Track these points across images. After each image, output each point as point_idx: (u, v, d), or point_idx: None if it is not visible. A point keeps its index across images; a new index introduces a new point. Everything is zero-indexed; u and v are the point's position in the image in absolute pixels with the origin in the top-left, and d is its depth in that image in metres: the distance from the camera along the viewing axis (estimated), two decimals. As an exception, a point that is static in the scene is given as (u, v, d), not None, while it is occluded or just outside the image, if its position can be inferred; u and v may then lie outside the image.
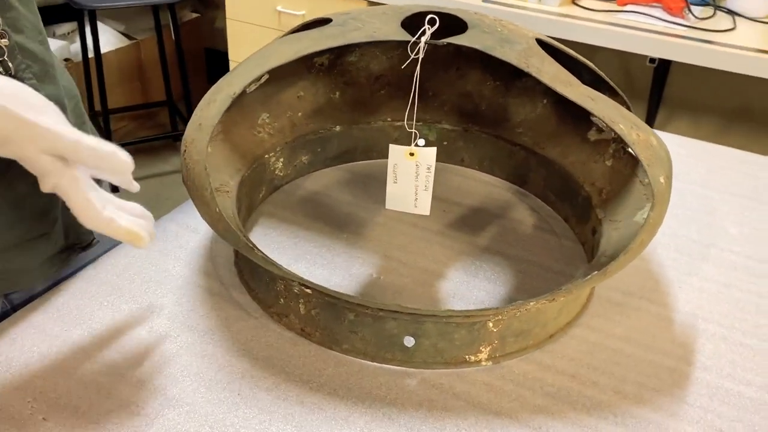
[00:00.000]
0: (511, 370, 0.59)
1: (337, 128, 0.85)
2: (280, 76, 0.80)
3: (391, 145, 0.64)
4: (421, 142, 0.84)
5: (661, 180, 0.56)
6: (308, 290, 0.56)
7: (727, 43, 1.58)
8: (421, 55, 0.58)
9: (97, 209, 0.49)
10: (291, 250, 0.72)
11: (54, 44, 2.22)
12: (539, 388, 0.57)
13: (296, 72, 0.82)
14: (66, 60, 2.27)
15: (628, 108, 0.71)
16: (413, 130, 0.62)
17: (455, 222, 0.78)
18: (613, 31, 1.65)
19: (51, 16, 2.29)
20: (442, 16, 0.64)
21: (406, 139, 0.86)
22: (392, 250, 0.73)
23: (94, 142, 0.47)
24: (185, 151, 0.59)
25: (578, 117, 0.77)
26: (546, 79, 0.56)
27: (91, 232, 0.69)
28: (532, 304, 0.54)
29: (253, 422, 0.52)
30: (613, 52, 1.76)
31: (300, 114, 0.82)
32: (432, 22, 0.58)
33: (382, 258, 0.71)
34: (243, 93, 0.74)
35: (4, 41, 0.57)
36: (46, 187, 0.48)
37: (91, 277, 0.66)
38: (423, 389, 0.56)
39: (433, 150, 0.63)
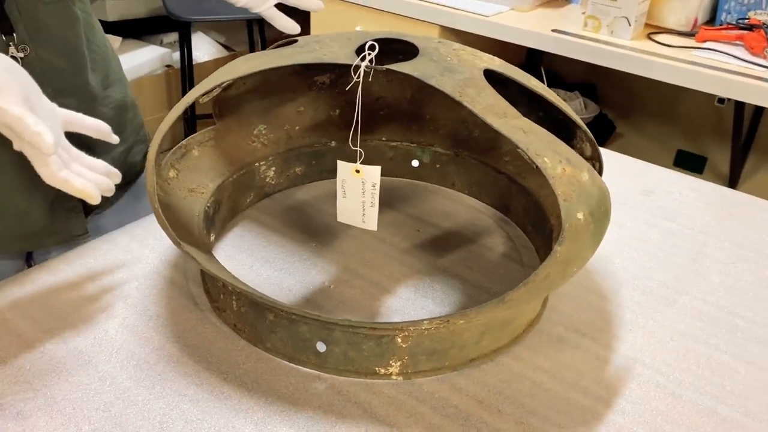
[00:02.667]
0: (420, 387, 0.60)
1: (333, 143, 0.89)
2: (281, 90, 0.86)
3: (339, 161, 0.67)
4: (415, 163, 0.87)
5: (579, 216, 0.55)
6: (236, 289, 0.61)
7: (806, 87, 1.48)
8: (360, 78, 0.61)
9: (52, 170, 0.57)
10: (259, 253, 0.77)
11: (158, 51, 2.43)
12: (441, 408, 0.58)
13: (297, 88, 0.87)
14: (168, 66, 2.47)
15: (593, 146, 0.71)
16: (358, 149, 0.66)
17: (425, 242, 0.80)
18: (686, 68, 1.59)
19: (159, 26, 2.50)
20: (402, 42, 0.67)
21: (401, 158, 0.90)
22: (353, 262, 0.76)
23: (31, 120, 0.54)
24: (147, 160, 0.65)
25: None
26: (477, 109, 0.58)
27: (82, 227, 0.78)
28: (425, 324, 0.56)
29: (164, 400, 0.57)
30: (687, 90, 1.69)
31: (297, 128, 0.88)
32: (372, 48, 0.61)
33: (341, 269, 0.75)
34: (240, 106, 0.81)
35: (21, 54, 0.67)
36: (15, 148, 0.57)
37: (72, 257, 0.74)
38: (328, 394, 0.59)
39: (377, 168, 0.66)
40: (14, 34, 0.67)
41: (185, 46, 2.24)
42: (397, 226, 0.83)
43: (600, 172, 0.71)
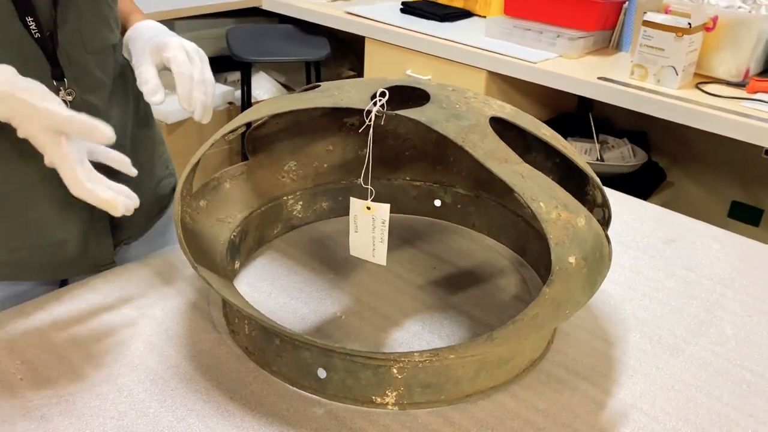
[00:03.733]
0: (415, 418, 0.62)
1: (359, 181, 0.93)
2: (312, 130, 0.91)
3: (351, 198, 0.71)
4: (437, 202, 0.90)
5: (571, 260, 0.57)
6: (246, 313, 0.65)
7: None
8: (372, 122, 0.65)
9: (81, 180, 0.65)
10: (279, 281, 0.81)
11: (221, 89, 2.55)
12: (432, 440, 0.60)
13: (328, 129, 0.92)
14: (230, 103, 2.59)
15: (603, 193, 0.73)
16: (369, 187, 0.69)
17: (439, 279, 0.83)
18: (733, 119, 1.57)
19: (224, 66, 2.64)
20: (415, 90, 0.71)
21: (424, 198, 0.93)
22: (367, 295, 0.79)
23: (83, 117, 0.61)
24: (176, 193, 0.71)
25: (577, 196, 0.79)
26: (478, 154, 0.61)
27: (110, 257, 0.84)
28: (416, 356, 0.58)
29: (173, 414, 0.61)
30: (739, 140, 1.67)
31: (326, 165, 0.92)
32: (383, 95, 0.65)
33: (354, 301, 0.78)
34: (272, 143, 0.87)
35: (69, 97, 0.75)
36: (46, 162, 0.65)
37: (107, 279, 0.80)
38: (325, 419, 0.62)
39: (386, 206, 0.70)
40: (64, 80, 0.75)
41: (246, 84, 2.35)
42: (414, 263, 0.86)
43: (608, 219, 0.73)
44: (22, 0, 0.70)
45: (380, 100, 0.65)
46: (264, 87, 2.65)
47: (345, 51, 2.89)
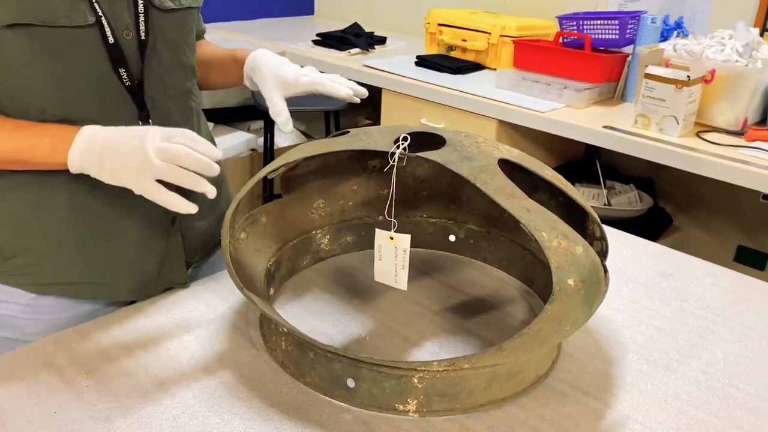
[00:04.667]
0: (433, 424, 0.70)
1: (380, 218, 1.03)
2: (339, 172, 1.01)
3: (377, 230, 0.80)
4: (452, 238, 0.99)
5: (570, 282, 0.66)
6: (285, 329, 0.74)
7: None
8: (395, 163, 0.75)
9: (171, 197, 0.77)
10: (310, 306, 0.90)
11: (245, 137, 2.68)
12: (448, 442, 0.68)
13: (353, 170, 1.02)
14: (252, 150, 2.72)
15: (601, 228, 0.81)
16: (392, 219, 0.79)
17: (454, 306, 0.91)
18: (733, 166, 1.66)
19: (247, 114, 2.78)
20: (432, 135, 0.81)
21: (439, 233, 1.02)
22: (388, 319, 0.88)
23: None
24: (223, 224, 0.80)
25: (578, 231, 0.88)
26: (489, 190, 0.70)
27: (183, 277, 0.94)
28: (434, 365, 0.66)
29: (220, 417, 0.69)
30: (742, 186, 1.74)
31: (351, 203, 1.02)
32: (404, 139, 0.75)
33: (377, 324, 0.87)
34: (303, 183, 0.96)
35: None
36: (136, 192, 0.77)
37: (160, 302, 0.89)
38: (353, 424, 0.70)
39: (407, 237, 0.79)
40: (149, 120, 0.88)
41: (269, 132, 2.48)
42: (431, 291, 0.94)
43: (606, 251, 0.82)
44: (117, 55, 0.83)
45: (403, 144, 0.74)
46: (285, 135, 2.78)
47: (362, 101, 3.03)
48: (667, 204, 2.43)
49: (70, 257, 0.89)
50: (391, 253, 0.80)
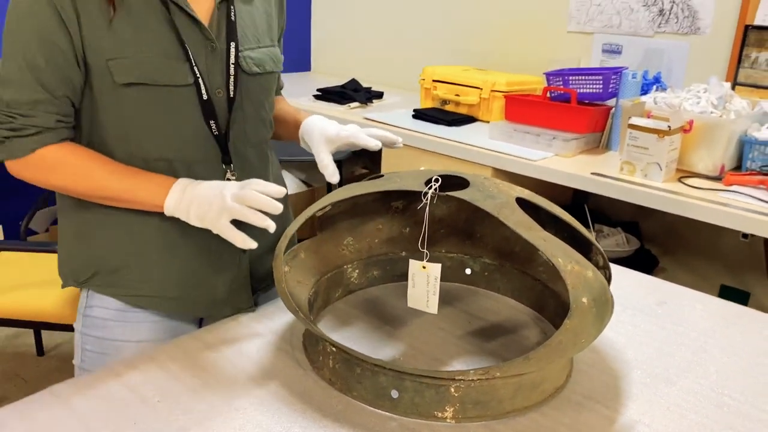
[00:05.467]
0: (468, 429, 0.80)
1: (403, 253, 1.14)
2: (366, 212, 1.12)
3: (411, 260, 0.91)
4: (468, 270, 1.10)
5: (584, 300, 0.77)
6: (333, 348, 0.84)
7: (821, 226, 1.66)
8: (428, 201, 0.86)
9: (238, 234, 0.91)
10: (345, 332, 1.00)
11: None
12: (483, 444, 0.77)
13: (378, 211, 1.13)
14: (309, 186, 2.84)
15: (605, 258, 0.93)
16: (425, 251, 0.90)
17: (474, 331, 1.02)
18: (713, 208, 1.80)
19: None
20: (458, 178, 0.93)
21: (456, 267, 1.13)
22: (418, 342, 0.98)
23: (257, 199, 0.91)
24: (276, 254, 0.91)
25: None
26: (510, 223, 0.82)
27: (250, 302, 1.06)
28: (471, 374, 0.77)
29: (281, 425, 0.78)
30: (724, 228, 1.87)
31: (376, 240, 1.13)
32: (436, 180, 0.87)
33: (407, 347, 0.97)
34: (334, 222, 1.07)
35: (233, 177, 1.01)
36: (215, 231, 0.92)
37: (217, 328, 0.99)
38: (398, 431, 0.79)
39: (438, 266, 0.90)
40: (231, 165, 1.03)
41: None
42: (453, 319, 1.05)
43: (609, 278, 0.93)
44: (208, 109, 0.99)
45: (435, 185, 0.86)
46: (288, 183, 2.90)
47: (359, 152, 3.17)
48: (652, 246, 2.56)
49: (155, 275, 1.04)
50: (423, 281, 0.90)
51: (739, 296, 2.44)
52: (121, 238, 1.03)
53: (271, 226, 0.89)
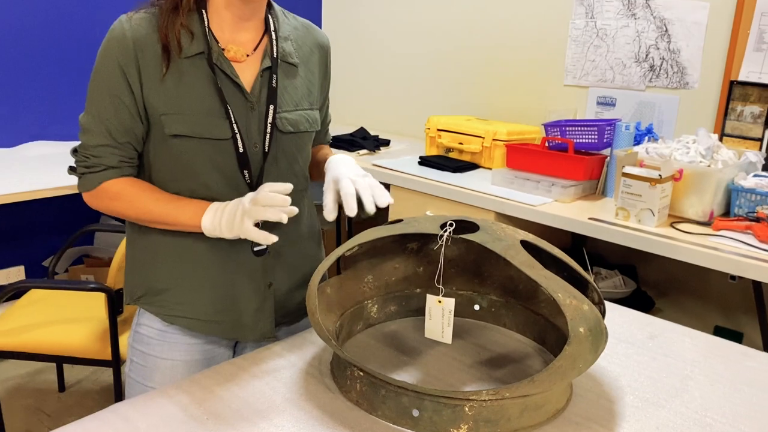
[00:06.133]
0: (480, 444, 0.90)
1: (418, 290, 1.26)
2: (384, 253, 1.24)
3: (428, 295, 1.03)
4: (476, 307, 1.22)
5: (581, 329, 0.88)
6: (361, 372, 0.95)
7: (803, 268, 1.77)
8: (443, 242, 0.99)
9: (261, 233, 1.03)
10: (367, 361, 1.11)
11: (260, 228, 2.93)
12: (494, 456, 0.88)
13: (395, 252, 1.25)
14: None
15: (599, 295, 1.05)
16: (440, 286, 1.02)
17: (483, 361, 1.13)
18: (703, 251, 1.92)
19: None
20: (468, 222, 1.05)
21: (466, 303, 1.25)
22: (433, 370, 1.09)
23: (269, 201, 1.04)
24: (310, 288, 1.03)
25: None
26: (516, 262, 0.94)
27: (272, 332, 1.19)
28: (484, 393, 0.88)
29: (314, 441, 0.89)
30: (716, 271, 1.99)
31: (393, 279, 1.25)
32: (451, 225, 0.99)
33: (423, 374, 1.07)
34: (356, 262, 1.19)
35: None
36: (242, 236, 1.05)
37: (251, 357, 1.10)
38: (419, 444, 0.90)
39: (452, 300, 1.01)
40: None
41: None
42: (464, 350, 1.16)
43: (603, 313, 1.05)
44: (243, 160, 1.14)
45: (449, 229, 0.99)
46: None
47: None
48: (648, 289, 2.68)
49: (191, 299, 1.19)
50: (439, 314, 1.02)
51: (733, 336, 2.54)
52: (166, 265, 1.19)
53: (284, 218, 1.04)
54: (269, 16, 1.20)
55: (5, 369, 2.60)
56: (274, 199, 1.04)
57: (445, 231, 0.99)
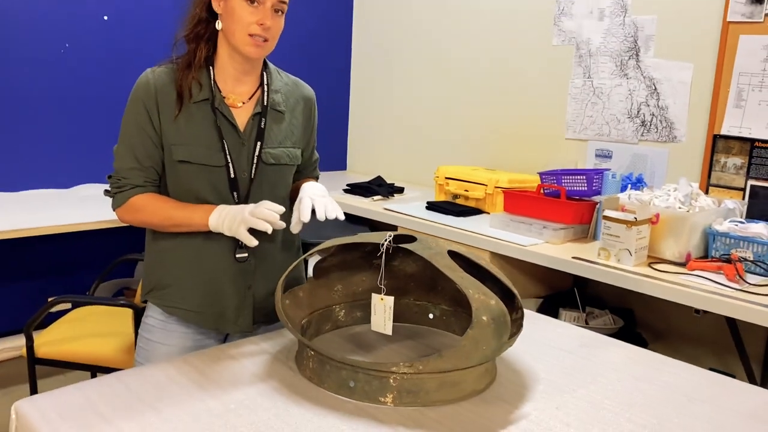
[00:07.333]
0: (403, 413, 1.11)
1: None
2: (353, 267, 1.47)
3: (372, 293, 1.25)
4: (431, 315, 1.43)
5: (484, 318, 1.09)
6: (312, 352, 1.17)
7: (763, 303, 1.91)
8: (384, 249, 1.21)
9: (249, 236, 1.29)
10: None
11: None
12: (411, 423, 1.08)
13: (363, 267, 1.48)
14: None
15: (515, 295, 1.25)
16: (382, 286, 1.24)
17: (427, 355, 1.33)
18: (674, 288, 2.07)
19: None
20: (410, 237, 1.28)
21: (422, 312, 1.46)
22: (380, 360, 1.30)
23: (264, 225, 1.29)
24: (278, 285, 1.26)
25: (509, 305, 1.31)
26: (439, 265, 1.16)
27: (250, 327, 1.43)
28: (402, 364, 1.08)
29: (276, 406, 1.11)
30: (709, 315, 2.13)
31: (360, 289, 1.47)
32: (389, 237, 1.22)
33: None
34: (328, 273, 1.43)
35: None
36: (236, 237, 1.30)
37: (234, 345, 1.33)
38: (354, 410, 1.11)
39: (392, 298, 1.23)
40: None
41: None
42: (414, 349, 1.37)
43: (521, 318, 1.25)
44: (233, 184, 1.41)
45: (389, 238, 1.22)
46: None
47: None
48: (644, 331, 2.80)
49: (187, 294, 1.44)
50: (381, 309, 1.24)
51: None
52: (170, 266, 1.47)
53: (269, 230, 1.30)
54: (264, 73, 1.49)
55: (49, 384, 2.88)
56: (268, 216, 1.32)
57: (386, 240, 1.22)
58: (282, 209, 1.34)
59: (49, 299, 3.09)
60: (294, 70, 1.66)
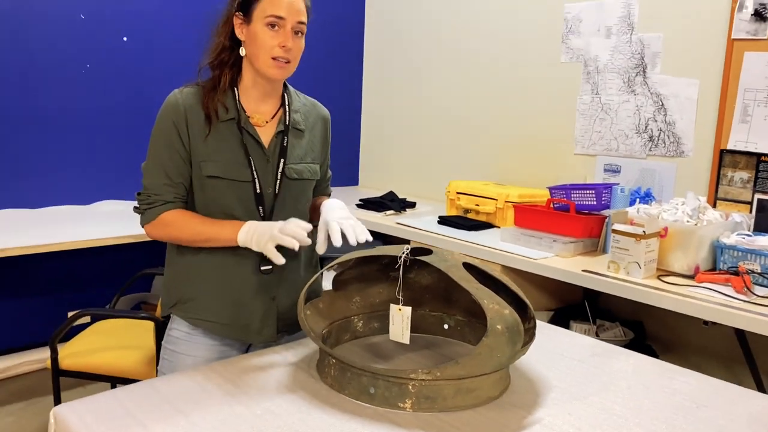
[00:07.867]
0: (422, 418, 1.16)
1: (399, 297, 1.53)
2: (371, 279, 1.53)
3: (391, 304, 1.30)
4: (446, 326, 1.48)
5: (498, 327, 1.14)
6: (333, 360, 1.22)
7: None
8: (401, 262, 1.27)
9: (276, 254, 1.33)
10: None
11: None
12: (429, 428, 1.13)
13: (380, 279, 1.54)
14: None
15: (527, 305, 1.30)
16: (399, 297, 1.29)
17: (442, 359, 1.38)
18: (683, 300, 2.11)
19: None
20: (426, 250, 1.34)
21: (437, 323, 1.51)
22: (398, 368, 1.35)
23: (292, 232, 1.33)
24: (301, 295, 1.32)
25: (522, 314, 1.36)
26: (455, 277, 1.21)
27: (274, 336, 1.47)
28: (421, 371, 1.14)
29: (300, 411, 1.16)
30: (717, 327, 2.17)
31: (377, 300, 1.53)
32: (407, 250, 1.27)
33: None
34: (347, 285, 1.48)
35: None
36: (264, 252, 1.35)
37: (259, 354, 1.39)
38: (374, 416, 1.16)
39: (409, 308, 1.29)
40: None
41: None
42: (430, 357, 1.42)
43: (533, 328, 1.30)
44: (259, 199, 1.47)
45: (406, 251, 1.27)
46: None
47: (396, 254, 3.59)
48: (654, 343, 2.83)
49: (212, 306, 1.49)
50: (399, 320, 1.29)
51: (737, 392, 2.65)
52: (195, 280, 1.51)
53: (296, 247, 1.36)
54: (285, 94, 1.56)
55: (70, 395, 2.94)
56: (297, 233, 1.37)
57: (403, 253, 1.28)
58: (310, 227, 1.40)
59: (70, 313, 3.16)
60: (308, 87, 1.73)
